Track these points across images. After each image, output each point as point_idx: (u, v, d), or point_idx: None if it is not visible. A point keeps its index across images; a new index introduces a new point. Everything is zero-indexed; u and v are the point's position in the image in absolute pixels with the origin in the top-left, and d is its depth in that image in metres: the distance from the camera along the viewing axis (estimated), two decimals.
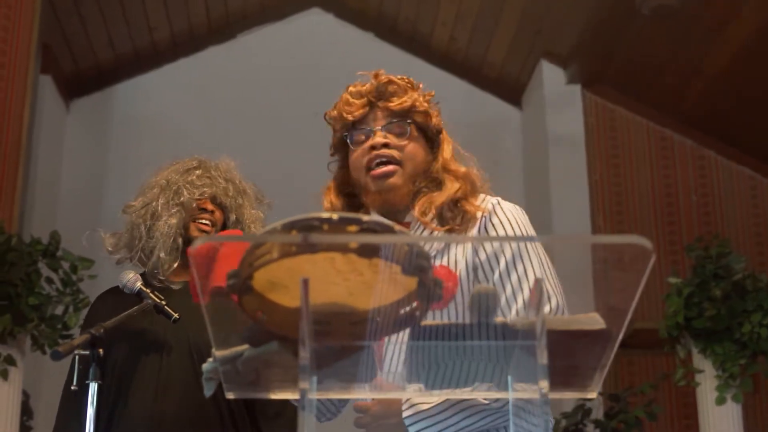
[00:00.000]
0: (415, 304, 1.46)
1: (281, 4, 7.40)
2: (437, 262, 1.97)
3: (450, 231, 2.04)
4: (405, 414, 1.93)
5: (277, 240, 1.34)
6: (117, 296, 2.70)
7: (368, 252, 1.34)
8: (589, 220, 6.62)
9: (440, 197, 2.06)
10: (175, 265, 2.69)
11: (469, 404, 1.92)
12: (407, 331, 1.74)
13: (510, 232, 2.04)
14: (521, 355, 1.47)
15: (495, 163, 7.21)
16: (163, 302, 2.55)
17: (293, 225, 1.34)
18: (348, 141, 2.12)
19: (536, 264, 1.98)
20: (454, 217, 2.05)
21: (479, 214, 2.05)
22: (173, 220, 2.68)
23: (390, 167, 2.07)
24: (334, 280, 1.41)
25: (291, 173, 6.80)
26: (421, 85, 2.19)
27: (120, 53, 7.12)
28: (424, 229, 2.07)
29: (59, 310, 4.42)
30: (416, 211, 2.06)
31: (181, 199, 2.71)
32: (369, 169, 2.08)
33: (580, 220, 6.53)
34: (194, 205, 2.73)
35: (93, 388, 2.16)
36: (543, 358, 1.34)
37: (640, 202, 6.72)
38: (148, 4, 6.80)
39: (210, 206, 2.74)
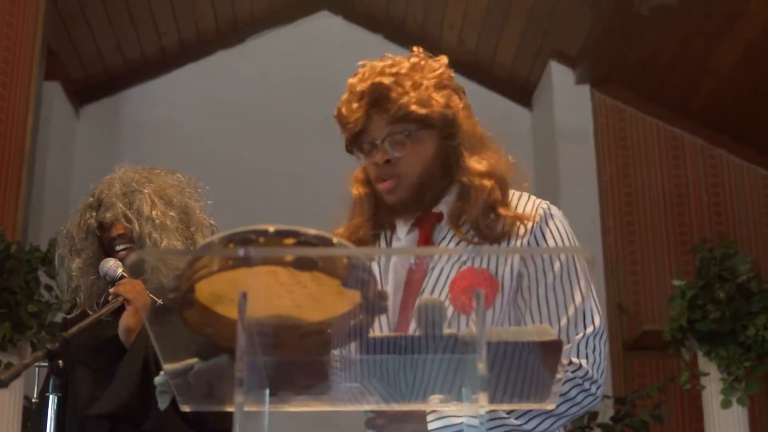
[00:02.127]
0: (362, 317, 1.44)
1: (289, 8, 7.40)
2: (476, 265, 1.88)
3: (490, 243, 1.92)
4: (432, 426, 1.81)
5: (213, 254, 1.33)
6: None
7: (305, 265, 1.32)
8: (599, 221, 6.56)
9: (473, 209, 1.93)
10: (110, 290, 2.69)
11: (501, 422, 1.84)
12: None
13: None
14: (475, 367, 1.45)
15: None
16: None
17: (231, 238, 1.34)
18: (356, 155, 2.02)
19: (583, 285, 1.89)
20: (492, 225, 1.93)
21: (523, 221, 1.94)
22: (74, 264, 2.74)
23: (391, 184, 1.96)
24: (279, 292, 1.40)
25: (301, 177, 6.81)
26: (428, 61, 2.05)
27: (129, 59, 7.14)
28: (454, 237, 1.96)
29: (59, 318, 4.42)
30: (447, 220, 1.97)
31: (74, 242, 2.75)
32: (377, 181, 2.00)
33: (589, 221, 6.46)
34: (84, 245, 2.74)
35: (53, 400, 2.15)
36: (483, 369, 1.32)
37: (650, 203, 6.64)
38: (156, 9, 6.82)
39: (116, 231, 2.72)
